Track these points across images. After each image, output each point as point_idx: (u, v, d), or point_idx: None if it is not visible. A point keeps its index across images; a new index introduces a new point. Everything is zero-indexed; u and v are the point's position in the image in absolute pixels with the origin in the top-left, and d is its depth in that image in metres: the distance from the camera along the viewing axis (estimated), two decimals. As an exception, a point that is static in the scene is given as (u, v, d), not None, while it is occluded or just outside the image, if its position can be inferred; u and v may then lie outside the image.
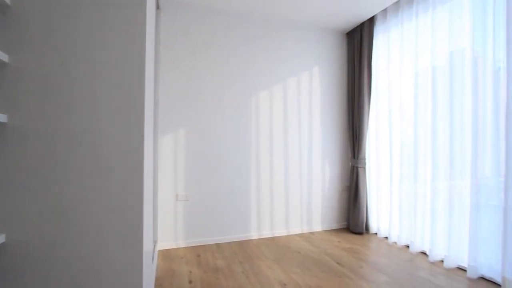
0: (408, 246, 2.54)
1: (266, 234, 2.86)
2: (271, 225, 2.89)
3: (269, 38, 2.91)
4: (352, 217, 3.01)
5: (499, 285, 1.87)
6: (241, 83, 2.79)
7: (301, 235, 2.92)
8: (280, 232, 2.92)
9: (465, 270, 2.07)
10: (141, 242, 1.02)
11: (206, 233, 2.65)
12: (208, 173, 2.66)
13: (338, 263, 2.22)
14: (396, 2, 2.61)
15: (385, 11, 2.74)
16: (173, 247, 2.53)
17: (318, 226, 3.10)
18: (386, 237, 2.82)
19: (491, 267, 1.93)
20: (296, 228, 3.00)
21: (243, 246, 2.60)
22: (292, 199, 2.99)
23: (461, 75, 2.10)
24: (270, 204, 2.90)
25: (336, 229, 3.14)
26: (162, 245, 2.51)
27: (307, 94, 3.07)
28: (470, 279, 1.97)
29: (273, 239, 2.80)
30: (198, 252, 2.43)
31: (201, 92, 2.65)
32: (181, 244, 2.56)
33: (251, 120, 2.82)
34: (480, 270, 1.98)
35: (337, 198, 3.20)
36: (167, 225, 2.53)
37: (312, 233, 3.00)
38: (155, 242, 2.35)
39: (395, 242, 2.67)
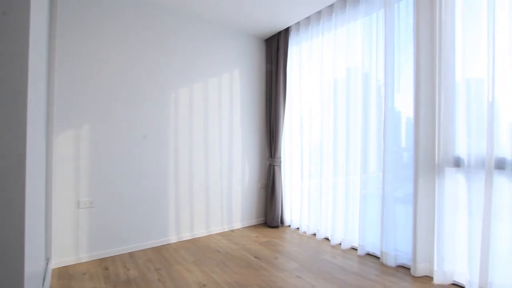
0: (315, 234, 2.89)
1: (186, 236, 2.78)
2: (191, 226, 2.82)
3: (192, 36, 2.83)
4: (269, 212, 3.23)
5: (378, 257, 2.32)
6: (160, 78, 2.62)
7: (222, 234, 2.95)
8: (200, 232, 2.88)
9: (356, 249, 2.49)
10: (21, 263, 0.83)
11: (117, 242, 2.39)
12: (119, 175, 2.40)
13: (255, 257, 2.34)
14: (307, 18, 2.92)
15: (298, 24, 3.04)
16: (74, 263, 2.18)
17: (238, 223, 3.19)
18: (298, 228, 3.13)
19: (374, 244, 2.39)
20: (217, 227, 3.02)
21: (161, 251, 2.45)
22: (212, 199, 2.99)
23: (355, 89, 2.52)
24: (190, 205, 2.82)
25: (255, 225, 3.30)
26: (59, 262, 2.13)
27: (228, 95, 3.12)
28: (359, 256, 2.38)
29: (193, 240, 2.74)
30: (106, 265, 2.17)
31: (111, 84, 2.37)
32: (84, 258, 2.23)
33: (169, 117, 2.69)
34: (366, 248, 2.42)
35: (256, 195, 3.37)
36: (66, 237, 2.16)
37: (232, 230, 3.07)
38: (47, 259, 1.97)
39: (305, 232, 3.00)
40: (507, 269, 1.66)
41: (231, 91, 3.15)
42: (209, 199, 2.96)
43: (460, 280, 1.87)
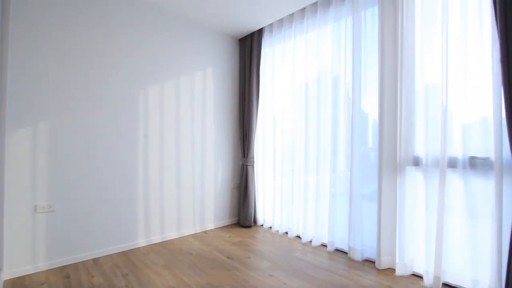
0: (287, 233, 2.95)
1: (156, 239, 2.69)
2: (161, 229, 2.73)
3: (163, 32, 2.74)
4: (242, 212, 3.23)
5: (346, 253, 2.43)
6: (127, 75, 2.51)
7: (194, 235, 2.89)
8: (171, 235, 2.80)
9: (326, 246, 2.58)
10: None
11: (79, 248, 2.24)
12: (82, 176, 2.26)
13: (228, 258, 2.33)
14: (280, 20, 2.97)
15: (271, 26, 3.08)
16: (31, 272, 2.01)
17: (211, 224, 3.15)
18: (270, 227, 3.17)
19: (342, 240, 2.49)
20: (189, 228, 2.95)
21: (128, 256, 2.35)
22: (184, 200, 2.92)
23: (325, 91, 2.60)
24: (161, 207, 2.73)
25: (228, 225, 3.29)
26: (13, 272, 1.95)
27: (201, 94, 3.07)
28: (329, 252, 2.47)
29: (163, 243, 2.66)
30: (67, 273, 2.03)
31: (74, 81, 2.21)
32: (43, 266, 2.07)
33: (138, 116, 2.58)
34: (335, 244, 2.52)
35: (229, 195, 3.36)
36: (21, 245, 1.99)
37: (205, 232, 3.03)
38: (-1, 270, 1.80)
39: (277, 231, 3.04)
40: (458, 258, 1.82)
41: (204, 90, 3.10)
42: (181, 200, 2.89)
43: (419, 270, 2.02)
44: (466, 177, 1.79)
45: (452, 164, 1.83)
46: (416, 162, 2.02)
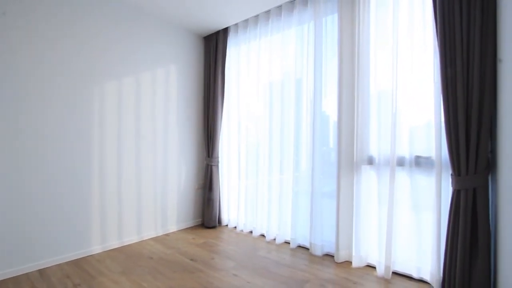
0: (251, 232, 2.97)
1: (113, 244, 2.52)
2: (119, 233, 2.57)
3: (120, 23, 2.57)
4: (206, 213, 3.18)
5: (308, 249, 2.53)
6: (79, 69, 2.31)
7: (155, 239, 2.78)
8: (130, 239, 2.65)
9: (289, 243, 2.65)
10: None
11: (22, 259, 2.01)
12: (24, 178, 2.03)
13: (191, 260, 2.28)
14: (245, 21, 2.98)
15: (237, 26, 3.07)
16: (-42, 290, 1.76)
17: (173, 226, 3.05)
18: (235, 227, 3.17)
19: (304, 237, 2.58)
20: (150, 232, 2.83)
21: (81, 264, 2.17)
22: (145, 202, 2.79)
23: (288, 93, 2.67)
24: (118, 210, 2.57)
25: (192, 227, 3.21)
26: None
27: (163, 92, 2.96)
28: (291, 249, 2.55)
29: (121, 249, 2.50)
30: (6, 288, 1.81)
31: (19, 75, 1.98)
32: (-25, 282, 1.82)
33: (93, 113, 2.39)
34: (298, 241, 2.61)
35: (193, 196, 3.28)
36: None
37: (167, 234, 2.93)
38: None
39: (242, 230, 3.05)
40: (405, 248, 2.01)
41: (166, 88, 2.98)
42: (141, 202, 2.75)
43: (372, 262, 2.18)
44: (412, 174, 1.98)
45: (401, 162, 2.01)
46: (370, 161, 2.18)
